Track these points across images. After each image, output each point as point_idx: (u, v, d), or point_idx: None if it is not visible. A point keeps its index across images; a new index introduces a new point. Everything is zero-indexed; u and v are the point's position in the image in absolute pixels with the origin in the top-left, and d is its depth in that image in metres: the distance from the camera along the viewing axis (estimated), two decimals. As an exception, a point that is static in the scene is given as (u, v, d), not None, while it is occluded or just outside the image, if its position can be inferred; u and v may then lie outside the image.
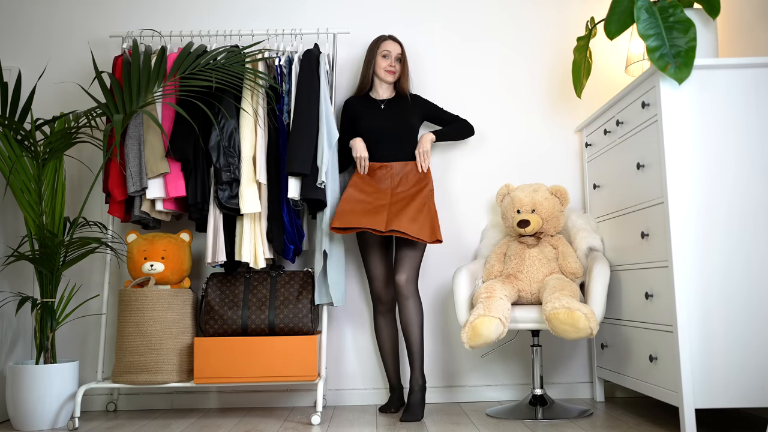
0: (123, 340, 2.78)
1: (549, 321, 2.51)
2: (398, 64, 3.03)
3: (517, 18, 3.36)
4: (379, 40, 3.03)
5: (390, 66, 3.00)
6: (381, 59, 3.01)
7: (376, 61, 3.01)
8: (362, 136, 2.97)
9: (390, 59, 3.00)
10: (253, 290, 2.88)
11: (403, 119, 2.98)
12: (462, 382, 3.16)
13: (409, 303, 2.78)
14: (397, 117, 2.98)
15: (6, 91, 2.80)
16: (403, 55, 3.04)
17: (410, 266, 2.79)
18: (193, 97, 2.88)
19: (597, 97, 3.30)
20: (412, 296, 2.79)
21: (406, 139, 2.96)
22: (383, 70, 3.00)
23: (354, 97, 3.09)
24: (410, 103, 3.04)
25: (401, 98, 3.05)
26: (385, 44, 3.02)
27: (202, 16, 3.35)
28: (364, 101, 3.05)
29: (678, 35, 2.34)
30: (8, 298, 3.01)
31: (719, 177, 2.30)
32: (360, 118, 2.99)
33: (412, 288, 2.79)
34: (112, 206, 2.91)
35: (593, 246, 2.85)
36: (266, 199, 2.85)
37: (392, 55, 3.01)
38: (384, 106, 3.01)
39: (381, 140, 2.94)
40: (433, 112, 3.10)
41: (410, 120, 2.99)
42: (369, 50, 3.05)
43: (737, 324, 2.24)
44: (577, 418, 2.67)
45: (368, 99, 3.06)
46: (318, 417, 2.68)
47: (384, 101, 3.03)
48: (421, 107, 3.07)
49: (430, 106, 3.10)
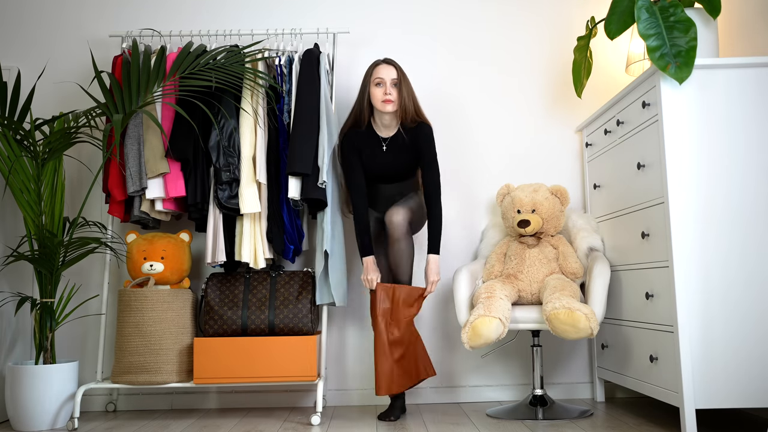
0: (122, 340, 2.78)
1: (549, 321, 2.51)
2: (395, 91, 2.70)
3: (517, 18, 3.36)
4: (371, 67, 2.77)
5: (385, 95, 2.69)
6: (375, 89, 2.71)
7: (370, 90, 2.73)
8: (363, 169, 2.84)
9: (385, 87, 2.69)
10: (253, 290, 2.87)
11: (405, 163, 2.82)
12: (462, 382, 3.15)
13: (400, 244, 2.65)
14: (399, 161, 2.80)
15: (5, 91, 2.80)
16: (400, 79, 2.72)
17: (405, 208, 2.65)
18: (193, 97, 2.87)
19: (597, 97, 3.30)
20: (404, 237, 2.64)
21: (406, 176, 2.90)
22: (379, 101, 2.70)
23: (353, 130, 2.83)
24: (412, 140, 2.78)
25: (403, 133, 2.79)
26: (377, 71, 2.72)
27: (202, 15, 3.35)
28: (364, 138, 2.82)
29: (678, 35, 2.34)
30: (8, 298, 3.00)
31: (720, 177, 2.30)
32: (362, 154, 2.82)
33: (404, 229, 2.63)
34: (112, 206, 2.91)
35: (593, 246, 2.85)
36: (266, 199, 2.85)
37: (386, 82, 2.70)
38: (386, 147, 2.77)
39: (382, 177, 2.87)
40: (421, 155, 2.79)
41: (410, 163, 2.83)
42: (363, 78, 2.80)
43: (738, 324, 2.23)
44: (577, 418, 2.67)
45: (370, 135, 2.81)
46: (318, 417, 2.68)
47: (386, 140, 2.79)
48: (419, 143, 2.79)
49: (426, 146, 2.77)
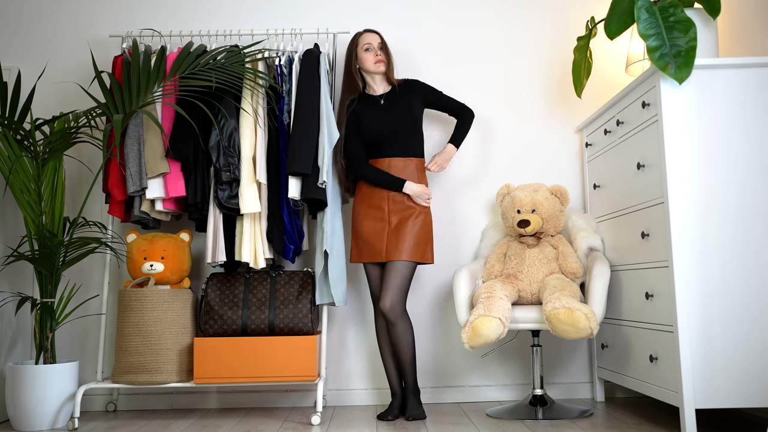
0: (123, 340, 2.78)
1: (549, 321, 2.51)
2: (383, 53, 2.92)
3: (517, 18, 3.36)
4: (355, 37, 2.94)
5: (376, 56, 2.89)
6: (365, 54, 2.90)
7: (359, 57, 2.91)
8: (365, 138, 2.88)
9: (374, 50, 2.90)
10: (253, 290, 2.87)
11: (405, 111, 2.88)
12: (462, 382, 3.16)
13: (396, 329, 2.72)
14: (399, 110, 2.88)
15: (6, 91, 2.80)
16: (383, 43, 2.94)
17: (395, 287, 2.71)
18: (193, 97, 2.87)
19: (597, 97, 3.30)
20: (399, 320, 2.72)
21: (409, 132, 2.88)
22: (372, 63, 2.89)
23: (350, 99, 2.95)
24: (409, 92, 2.94)
25: (399, 88, 2.95)
26: (363, 38, 2.92)
27: (202, 15, 3.35)
28: (362, 100, 2.94)
29: (678, 35, 2.34)
30: (8, 298, 3.00)
31: (719, 177, 2.30)
32: (361, 120, 2.88)
33: (397, 312, 2.72)
34: (112, 206, 2.91)
35: (593, 246, 2.85)
36: (266, 199, 2.85)
37: (374, 46, 2.90)
38: (384, 101, 2.92)
39: (384, 139, 2.86)
40: (433, 98, 2.98)
41: (413, 111, 2.90)
42: (348, 51, 2.95)
43: (738, 324, 2.24)
44: (577, 418, 2.67)
45: (366, 97, 2.95)
46: (318, 417, 2.68)
47: (382, 96, 2.94)
48: (421, 94, 2.96)
49: (430, 92, 2.99)
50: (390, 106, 2.91)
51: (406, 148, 2.87)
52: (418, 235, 2.78)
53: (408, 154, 2.87)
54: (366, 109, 2.92)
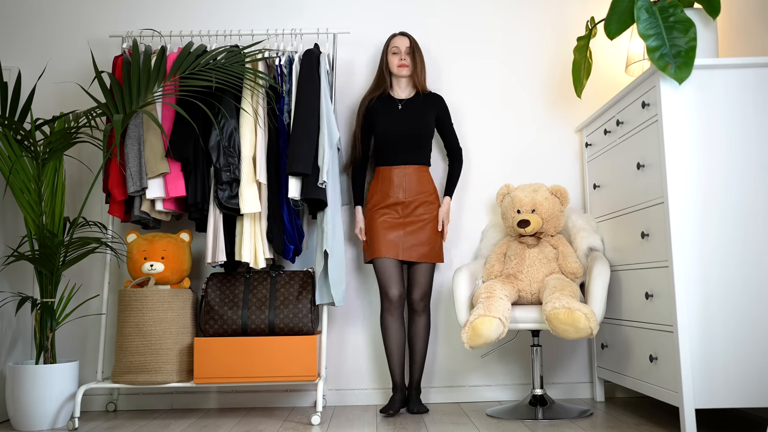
0: (123, 340, 2.78)
1: (549, 321, 2.51)
2: (409, 58, 3.02)
3: (517, 18, 3.36)
4: (389, 39, 3.06)
5: (401, 60, 3.00)
6: (392, 56, 3.03)
7: (387, 59, 3.04)
8: (378, 139, 2.99)
9: (400, 54, 3.01)
10: (253, 290, 2.88)
11: (420, 122, 2.98)
12: (462, 382, 3.16)
13: (420, 319, 2.93)
14: (414, 119, 2.98)
15: (6, 91, 2.80)
16: (413, 48, 3.03)
17: (425, 284, 2.92)
18: (193, 97, 2.88)
19: (597, 97, 3.30)
20: (424, 313, 2.93)
21: (421, 143, 2.98)
22: (395, 66, 3.01)
23: (373, 96, 3.07)
24: (430, 104, 3.04)
25: (420, 97, 3.04)
26: (393, 41, 3.04)
27: (202, 16, 3.35)
28: (382, 101, 3.04)
29: (678, 35, 2.34)
30: (8, 298, 3.00)
31: (719, 177, 2.30)
32: (376, 120, 2.99)
33: (424, 304, 2.92)
34: (112, 206, 2.91)
35: (593, 246, 2.85)
36: (266, 199, 2.85)
37: (402, 50, 3.01)
38: (402, 106, 3.01)
39: (396, 145, 2.95)
40: (442, 123, 3.07)
41: (427, 123, 3.00)
42: (382, 50, 3.09)
43: (737, 324, 2.24)
44: (577, 418, 2.67)
45: (387, 98, 3.05)
46: (318, 417, 2.68)
47: (402, 101, 3.03)
48: (438, 110, 3.05)
49: (445, 115, 3.08)
50: (406, 111, 3.01)
51: (417, 156, 2.98)
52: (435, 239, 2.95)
53: (419, 161, 2.98)
54: (383, 109, 3.03)
